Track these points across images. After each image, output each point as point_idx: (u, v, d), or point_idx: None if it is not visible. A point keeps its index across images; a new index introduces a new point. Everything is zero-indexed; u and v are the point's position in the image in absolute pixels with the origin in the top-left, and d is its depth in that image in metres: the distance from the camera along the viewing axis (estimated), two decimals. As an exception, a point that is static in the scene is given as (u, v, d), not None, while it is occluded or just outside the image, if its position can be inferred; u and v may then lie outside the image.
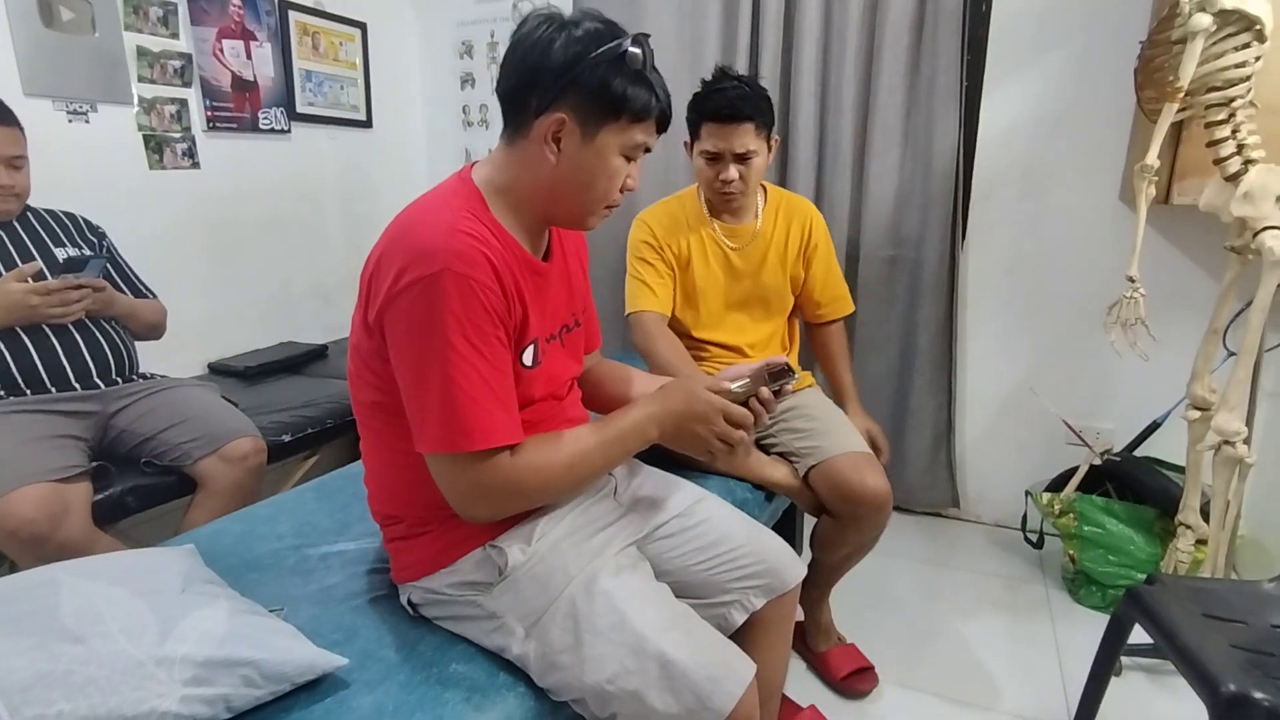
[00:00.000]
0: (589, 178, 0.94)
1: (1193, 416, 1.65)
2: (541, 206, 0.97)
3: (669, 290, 1.68)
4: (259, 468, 1.64)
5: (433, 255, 0.83)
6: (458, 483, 0.90)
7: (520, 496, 0.94)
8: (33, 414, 1.49)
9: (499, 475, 0.89)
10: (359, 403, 1.01)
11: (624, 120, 0.91)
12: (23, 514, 1.31)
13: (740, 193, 1.60)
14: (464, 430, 0.85)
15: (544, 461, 0.92)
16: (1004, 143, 2.19)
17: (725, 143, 1.52)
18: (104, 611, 0.74)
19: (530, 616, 0.94)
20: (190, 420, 1.61)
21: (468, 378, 0.84)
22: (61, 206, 1.76)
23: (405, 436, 0.94)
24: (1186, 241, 2.03)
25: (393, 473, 1.02)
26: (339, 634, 0.96)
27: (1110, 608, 1.90)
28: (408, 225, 0.90)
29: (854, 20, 2.20)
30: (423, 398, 0.86)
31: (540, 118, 0.90)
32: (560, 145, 0.91)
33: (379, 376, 0.94)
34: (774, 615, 1.16)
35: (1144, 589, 1.24)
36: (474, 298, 0.84)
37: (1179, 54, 1.45)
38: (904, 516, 2.45)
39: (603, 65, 0.88)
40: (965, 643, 1.84)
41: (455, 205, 0.91)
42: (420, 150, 3.09)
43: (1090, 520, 1.94)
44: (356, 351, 0.97)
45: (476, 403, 0.85)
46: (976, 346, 2.35)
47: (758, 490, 1.57)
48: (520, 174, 0.95)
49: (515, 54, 0.92)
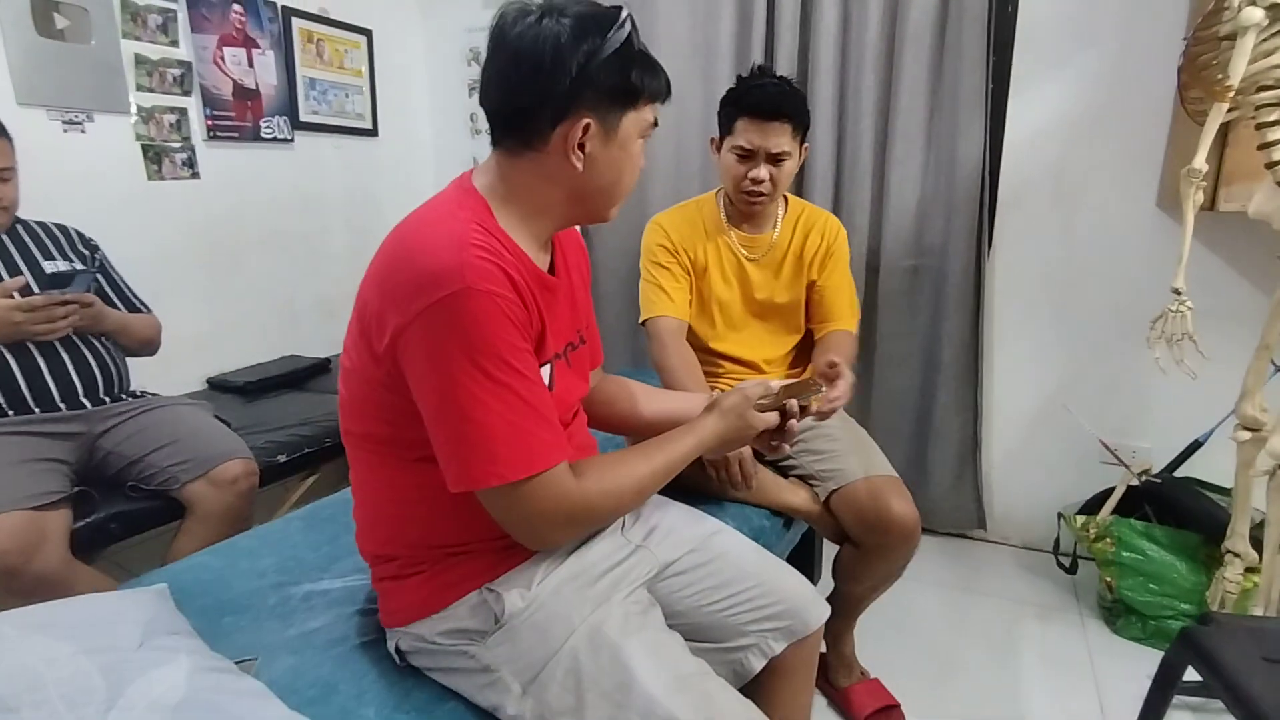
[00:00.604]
0: (617, 173, 0.89)
1: (1243, 438, 1.54)
2: (562, 213, 0.91)
3: (685, 296, 1.60)
4: (250, 491, 1.57)
5: (447, 274, 0.75)
6: (518, 512, 0.82)
7: (592, 520, 0.90)
8: (12, 436, 1.43)
9: (564, 499, 0.83)
10: (350, 432, 0.93)
11: (640, 104, 0.87)
12: (10, 539, 1.24)
13: (767, 195, 1.51)
14: (510, 459, 0.78)
15: (615, 486, 0.88)
16: (1032, 148, 2.09)
17: (761, 140, 1.44)
18: (44, 674, 0.66)
19: (528, 671, 0.86)
20: (178, 442, 1.54)
21: (504, 401, 0.77)
22: (56, 219, 1.71)
23: (403, 470, 0.87)
24: (1233, 251, 1.92)
25: (389, 508, 0.94)
26: (316, 689, 0.87)
27: (1151, 639, 1.81)
28: (412, 242, 0.82)
29: (873, 21, 2.11)
30: (455, 428, 0.78)
31: (558, 127, 0.83)
32: (586, 149, 0.85)
33: (382, 407, 0.86)
34: (795, 661, 1.07)
35: (1198, 629, 1.16)
36: (499, 313, 0.77)
37: (1228, 50, 1.35)
38: (927, 538, 2.31)
39: (614, 56, 0.82)
40: (996, 675, 1.73)
41: (462, 218, 0.82)
42: (427, 159, 3.04)
43: (1129, 546, 1.83)
44: (355, 377, 0.88)
45: (517, 426, 0.78)
46: (1004, 360, 2.25)
47: (775, 517, 1.48)
48: (535, 185, 0.87)
49: (515, 65, 0.82)
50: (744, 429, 0.99)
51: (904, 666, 1.72)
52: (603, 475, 0.88)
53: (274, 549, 1.19)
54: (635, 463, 0.92)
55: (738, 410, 1.00)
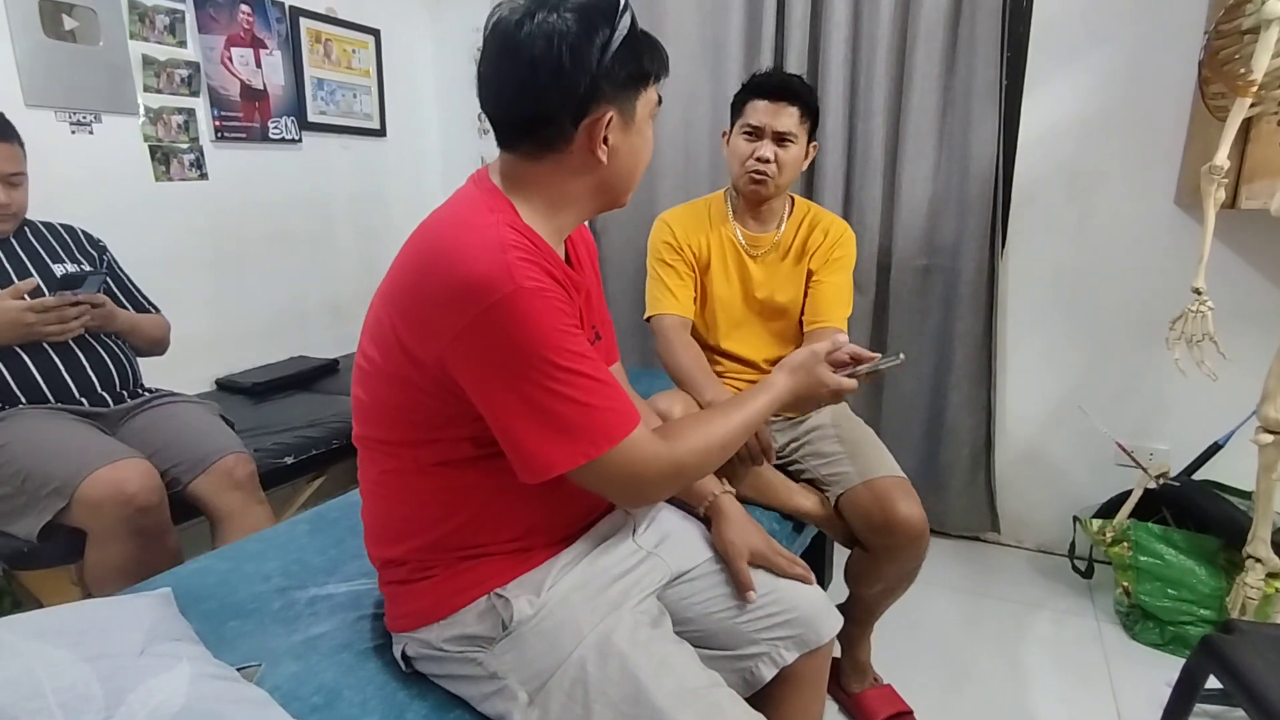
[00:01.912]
0: (637, 158, 0.90)
1: (1264, 440, 1.51)
2: (583, 206, 0.90)
3: (689, 293, 1.60)
4: (249, 478, 1.57)
5: (494, 279, 0.74)
6: (614, 481, 0.84)
7: (683, 477, 0.91)
8: (68, 414, 1.50)
9: (654, 460, 0.84)
10: (367, 436, 0.91)
11: (648, 87, 0.88)
12: (138, 482, 1.33)
13: (771, 179, 1.50)
14: (594, 436, 0.80)
15: (701, 444, 0.89)
16: (1047, 145, 2.06)
17: (769, 118, 1.47)
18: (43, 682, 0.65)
19: (535, 679, 0.84)
20: (175, 443, 1.55)
21: (575, 386, 0.78)
22: (64, 219, 1.71)
23: (420, 473, 0.87)
24: (1254, 249, 1.88)
25: (401, 511, 0.92)
26: (320, 696, 0.86)
27: (1170, 645, 1.78)
28: (448, 247, 0.79)
29: (885, 17, 2.09)
30: (529, 424, 0.78)
31: (581, 124, 0.82)
32: (609, 141, 0.84)
33: (416, 410, 0.84)
34: (807, 671, 1.05)
35: (1220, 637, 1.14)
36: (551, 307, 0.78)
37: (1251, 45, 1.32)
38: (939, 540, 2.31)
39: (625, 44, 0.81)
40: (1010, 681, 1.70)
41: (494, 220, 0.80)
42: (435, 159, 3.03)
43: (1146, 550, 1.80)
44: (383, 381, 0.86)
45: (591, 406, 0.79)
46: (1017, 361, 2.22)
47: (785, 521, 1.46)
48: (558, 183, 0.86)
49: (533, 73, 0.79)
50: (815, 385, 1.00)
51: (916, 671, 1.69)
52: (688, 435, 0.89)
53: (280, 552, 1.18)
54: (716, 421, 0.93)
55: (807, 367, 1.00)
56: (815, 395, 1.02)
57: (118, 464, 1.35)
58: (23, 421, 1.43)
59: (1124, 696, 1.64)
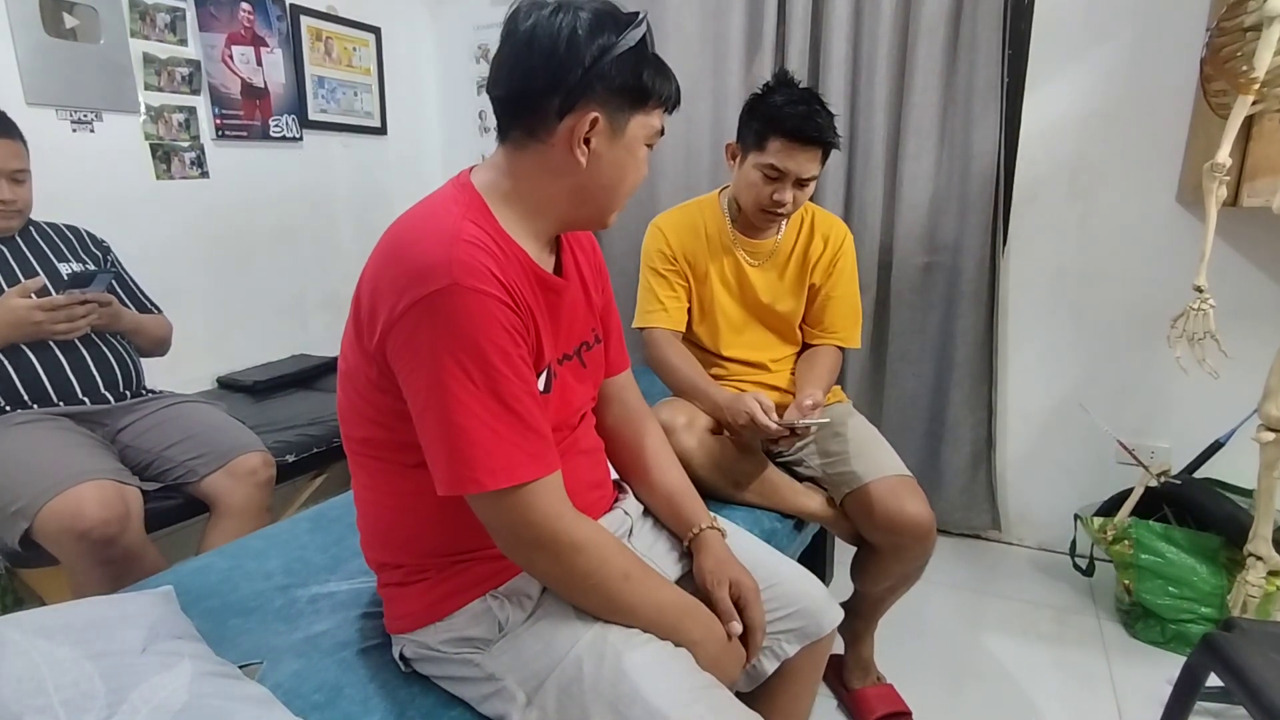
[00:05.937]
0: (621, 174, 0.87)
1: (1266, 439, 1.51)
2: (563, 212, 0.88)
3: (682, 306, 1.58)
4: (269, 482, 1.58)
5: (436, 270, 0.74)
6: (499, 522, 0.80)
7: (565, 555, 0.82)
8: (53, 421, 1.46)
9: (547, 522, 0.79)
10: (350, 438, 0.92)
11: (649, 108, 0.86)
12: (93, 514, 1.26)
13: (787, 215, 1.49)
14: (489, 466, 0.75)
15: (604, 552, 0.83)
16: (1048, 143, 2.05)
17: (794, 165, 1.39)
18: (47, 679, 0.65)
19: (532, 680, 0.84)
20: (195, 436, 1.56)
21: (485, 405, 0.75)
22: (65, 219, 1.72)
23: (403, 475, 0.86)
24: (1255, 247, 1.88)
25: (390, 515, 0.92)
26: (321, 694, 0.86)
27: (1171, 643, 1.78)
28: (403, 237, 0.80)
29: (886, 15, 2.08)
30: (439, 430, 0.76)
31: (565, 118, 0.81)
32: (591, 145, 0.83)
33: (377, 409, 0.84)
34: (805, 662, 1.06)
35: (1221, 635, 1.14)
36: (485, 313, 0.75)
37: (1253, 42, 1.32)
38: (940, 538, 2.24)
39: (628, 54, 0.81)
40: (1011, 679, 1.70)
41: (455, 212, 0.81)
42: (436, 157, 3.03)
43: (1148, 548, 1.80)
44: (350, 381, 0.87)
45: (498, 434, 0.75)
46: (1019, 359, 2.22)
47: (786, 519, 1.46)
48: (538, 180, 0.85)
49: (528, 51, 0.81)
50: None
51: (917, 669, 1.69)
52: (600, 535, 0.84)
53: (281, 550, 1.19)
54: (632, 558, 0.88)
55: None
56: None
57: (76, 489, 1.28)
58: (5, 432, 1.40)
59: (1125, 694, 1.65)
